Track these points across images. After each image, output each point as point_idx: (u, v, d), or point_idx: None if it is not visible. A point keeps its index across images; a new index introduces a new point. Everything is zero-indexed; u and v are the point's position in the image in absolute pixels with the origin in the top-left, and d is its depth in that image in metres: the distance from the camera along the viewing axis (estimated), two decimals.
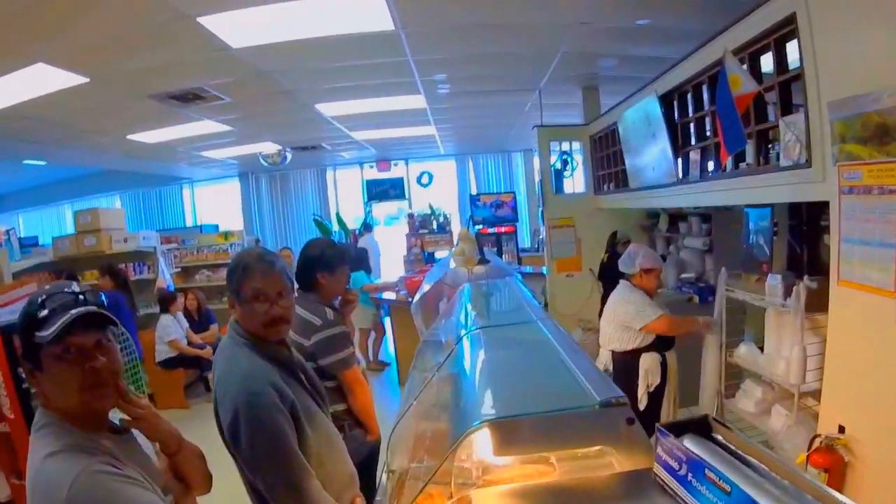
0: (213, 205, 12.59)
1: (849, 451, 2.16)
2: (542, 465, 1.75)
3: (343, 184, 12.28)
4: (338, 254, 2.69)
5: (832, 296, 2.25)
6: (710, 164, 3.47)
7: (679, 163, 3.81)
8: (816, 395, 2.50)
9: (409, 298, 5.54)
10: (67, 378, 1.20)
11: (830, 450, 2.18)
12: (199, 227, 10.35)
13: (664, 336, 3.40)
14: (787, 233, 3.50)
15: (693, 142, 3.67)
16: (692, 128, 3.68)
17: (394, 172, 11.83)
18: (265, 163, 9.20)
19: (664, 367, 3.40)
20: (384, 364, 7.04)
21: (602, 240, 5.61)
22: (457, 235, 6.65)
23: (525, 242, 11.23)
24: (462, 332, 2.40)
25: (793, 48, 2.40)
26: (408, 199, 11.87)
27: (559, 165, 6.04)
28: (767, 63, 2.66)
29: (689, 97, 3.61)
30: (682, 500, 1.17)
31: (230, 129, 7.07)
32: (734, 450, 1.18)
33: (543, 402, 1.55)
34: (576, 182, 6.21)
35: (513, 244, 10.21)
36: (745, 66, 2.66)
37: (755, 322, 3.33)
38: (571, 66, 5.41)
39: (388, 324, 6.87)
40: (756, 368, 3.04)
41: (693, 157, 3.62)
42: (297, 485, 1.61)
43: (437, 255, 9.70)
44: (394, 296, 6.52)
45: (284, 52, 4.36)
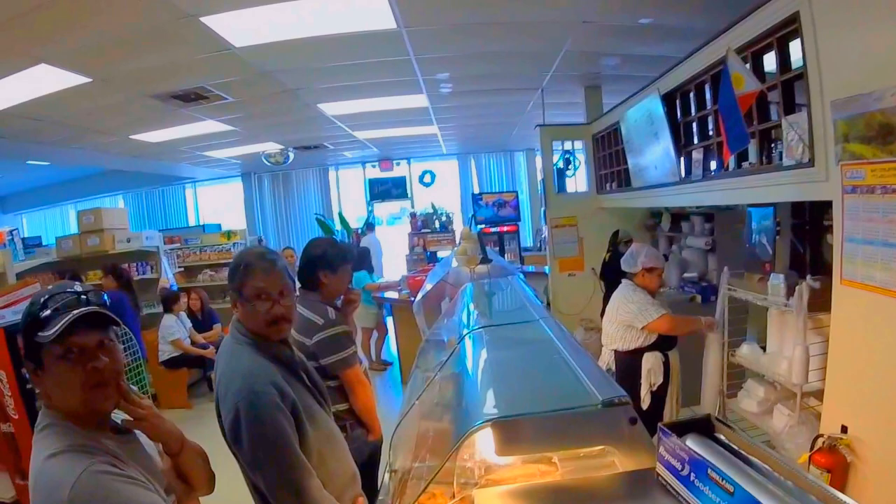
0: (216, 204, 12.62)
1: (851, 452, 2.16)
2: (545, 465, 1.76)
3: (346, 183, 12.30)
4: (340, 253, 2.69)
5: (835, 295, 2.24)
6: (713, 164, 3.47)
7: (681, 162, 3.81)
8: (819, 395, 2.49)
9: (412, 298, 5.53)
10: (69, 378, 1.20)
11: (833, 450, 2.18)
12: (202, 227, 10.35)
13: (667, 335, 3.39)
14: (790, 232, 3.50)
15: (696, 141, 3.65)
16: (695, 127, 3.67)
17: (396, 172, 11.85)
18: (268, 162, 9.22)
19: (667, 367, 3.39)
20: (386, 363, 7.04)
21: (604, 239, 5.59)
22: (459, 235, 6.64)
23: (527, 242, 11.24)
24: (464, 332, 2.40)
25: (796, 47, 2.40)
26: (410, 199, 11.88)
27: (562, 165, 6.03)
28: (770, 62, 2.65)
29: (692, 96, 3.61)
30: (685, 501, 1.17)
31: (233, 129, 7.08)
32: (737, 450, 1.18)
33: (546, 402, 1.55)
34: (578, 181, 6.20)
35: (515, 243, 10.21)
36: (748, 65, 2.65)
37: (757, 322, 3.33)
38: (574, 65, 5.41)
39: (391, 323, 6.86)
40: (758, 368, 3.04)
41: (696, 157, 3.61)
42: (298, 484, 1.61)
43: (440, 255, 9.71)
44: (396, 295, 6.51)
45: (287, 52, 4.37)
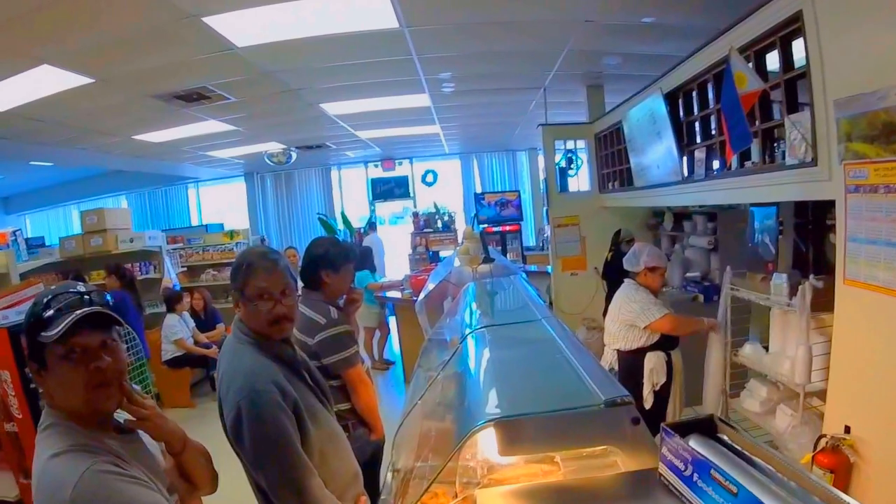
0: (219, 204, 12.63)
1: (854, 452, 2.16)
2: (547, 465, 1.76)
3: (348, 183, 12.30)
4: (342, 252, 2.69)
5: (838, 295, 2.24)
6: (716, 163, 3.46)
7: (684, 161, 3.80)
8: (822, 395, 2.49)
9: (414, 297, 5.53)
10: (72, 378, 1.20)
11: (836, 450, 2.18)
12: (205, 227, 10.36)
13: (669, 335, 3.39)
14: (793, 232, 3.48)
15: (698, 140, 3.65)
16: (697, 126, 3.66)
17: (398, 171, 11.85)
18: (270, 162, 9.22)
19: (669, 366, 3.39)
20: (389, 363, 7.04)
21: (607, 238, 5.59)
22: (461, 234, 6.64)
23: (530, 241, 11.24)
24: (467, 331, 2.40)
25: (799, 46, 2.40)
26: (412, 198, 11.88)
27: (564, 164, 6.02)
28: (773, 61, 2.65)
29: (695, 95, 3.60)
30: (688, 501, 1.17)
31: (235, 129, 7.09)
32: (740, 450, 1.17)
33: (548, 402, 1.55)
34: (580, 181, 6.20)
35: (517, 243, 10.20)
36: (751, 64, 2.65)
37: (760, 321, 3.32)
38: (576, 64, 5.40)
39: (393, 322, 6.87)
40: (761, 368, 3.03)
41: (698, 156, 3.61)
42: (299, 483, 1.62)
43: (442, 254, 9.69)
44: (398, 294, 6.51)
45: (289, 52, 4.37)
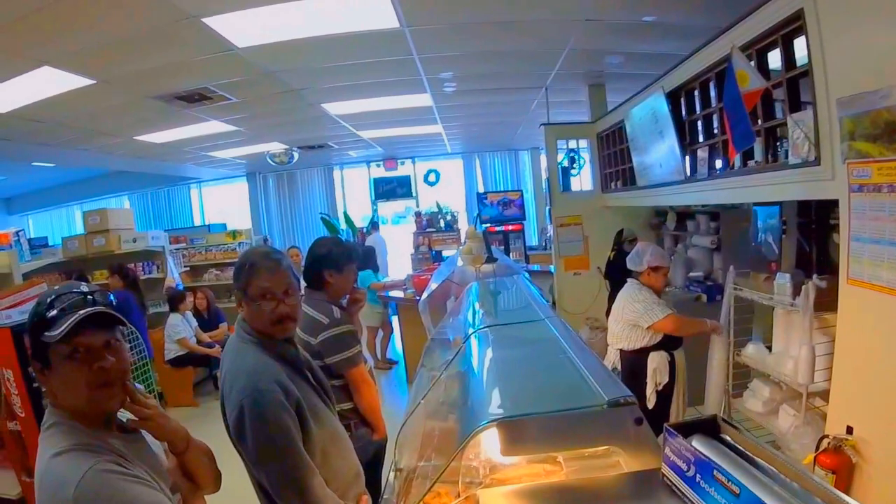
0: (221, 204, 12.63)
1: (856, 453, 2.15)
2: (550, 465, 1.75)
3: (350, 182, 12.30)
4: (345, 252, 2.69)
5: (841, 295, 2.23)
6: (718, 162, 3.45)
7: (687, 160, 3.80)
8: (825, 396, 2.48)
9: (417, 297, 5.53)
10: (76, 377, 1.21)
11: (838, 451, 2.17)
12: (208, 227, 10.38)
13: (672, 335, 3.39)
14: (796, 231, 3.48)
15: (701, 139, 3.64)
16: (700, 125, 3.66)
17: (401, 171, 11.84)
18: (272, 162, 9.23)
19: (672, 366, 3.38)
20: (392, 362, 7.05)
21: (609, 238, 5.59)
22: (464, 234, 6.64)
23: (532, 240, 11.23)
24: (470, 331, 2.40)
25: (801, 44, 2.39)
26: (415, 198, 11.88)
27: (566, 163, 6.02)
28: (775, 59, 2.64)
29: (697, 94, 3.59)
30: (690, 502, 1.17)
31: (237, 129, 7.09)
32: (742, 451, 1.17)
33: (551, 402, 1.55)
34: (583, 180, 6.19)
35: (520, 242, 10.20)
36: (753, 63, 2.64)
37: (763, 321, 3.32)
38: (578, 63, 5.39)
39: (396, 322, 6.87)
40: (764, 368, 3.02)
41: (701, 155, 3.60)
42: (301, 482, 1.62)
43: (445, 254, 9.70)
44: (401, 294, 6.52)
45: (290, 52, 4.37)
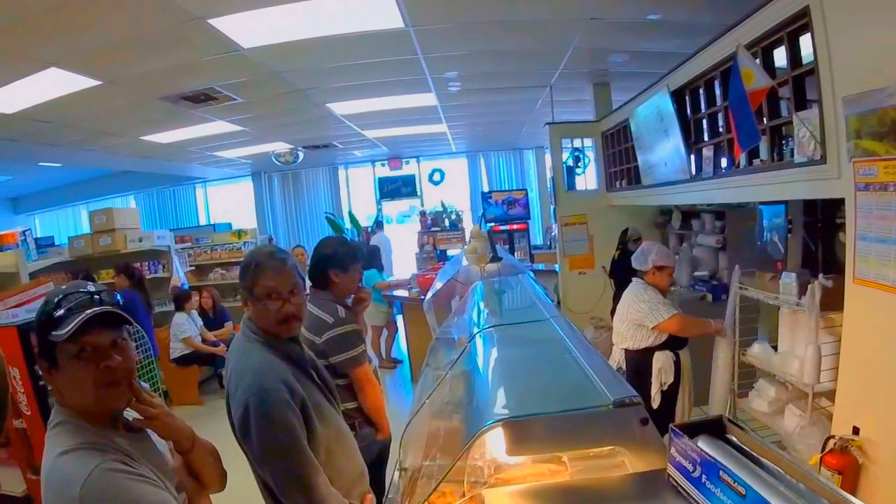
0: (227, 204, 12.69)
1: (863, 454, 2.14)
2: (555, 465, 1.75)
3: (355, 182, 12.33)
4: (351, 252, 2.70)
5: (847, 294, 2.22)
6: (724, 161, 3.44)
7: (692, 159, 3.78)
8: (830, 396, 2.47)
9: (422, 296, 5.53)
10: (82, 376, 1.22)
11: (844, 451, 2.15)
12: (213, 226, 10.42)
13: (677, 335, 3.38)
14: (802, 230, 3.46)
15: (706, 138, 3.63)
16: (705, 124, 3.64)
17: (405, 170, 11.86)
18: (278, 162, 9.25)
19: (677, 366, 3.37)
20: (397, 361, 7.06)
21: (614, 237, 5.57)
22: (469, 233, 6.64)
23: (537, 240, 11.22)
24: (475, 330, 2.40)
25: (806, 42, 2.37)
26: (420, 197, 11.89)
27: (571, 162, 6.01)
28: (781, 57, 2.62)
29: (702, 92, 3.58)
30: (696, 502, 1.16)
31: (243, 129, 7.11)
32: (748, 451, 1.17)
33: (556, 402, 1.55)
34: (588, 179, 6.18)
35: (525, 241, 10.20)
36: (758, 61, 2.63)
37: (769, 321, 3.30)
38: (582, 62, 5.38)
39: (401, 321, 6.88)
40: (770, 368, 3.01)
41: (706, 154, 3.59)
42: (305, 480, 1.63)
43: (450, 253, 9.72)
44: (406, 293, 6.52)
45: (295, 52, 4.38)
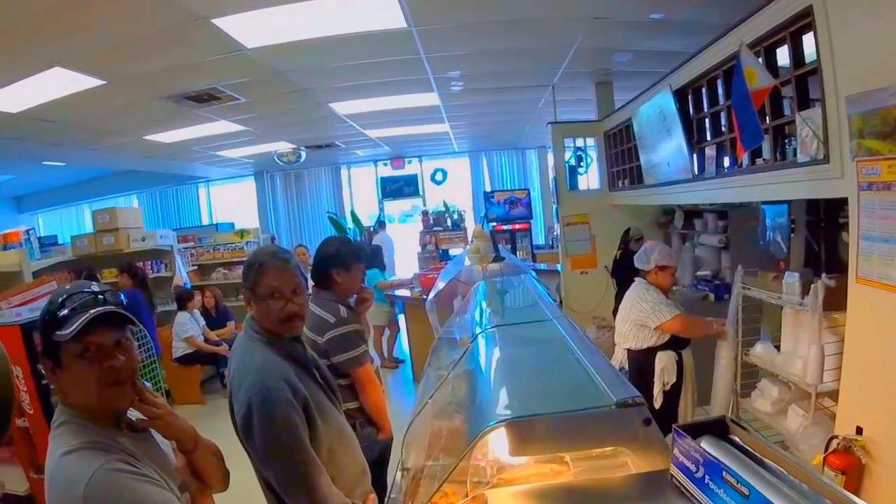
0: (229, 203, 12.72)
1: (866, 454, 2.13)
2: (557, 465, 1.75)
3: (357, 181, 12.35)
4: (353, 252, 2.70)
5: (850, 294, 2.21)
6: (726, 160, 3.43)
7: (694, 159, 3.77)
8: (834, 396, 2.46)
9: (424, 296, 5.53)
10: (86, 376, 1.22)
11: (847, 451, 2.15)
12: (215, 226, 10.41)
13: (679, 335, 3.37)
14: (805, 230, 3.45)
15: (708, 137, 3.62)
16: (707, 123, 3.64)
17: (408, 170, 11.87)
18: (280, 161, 9.27)
19: (680, 366, 3.37)
20: (399, 361, 7.06)
21: (617, 237, 5.57)
22: (471, 232, 6.64)
23: (539, 239, 11.22)
24: (477, 331, 2.40)
25: (809, 41, 2.37)
26: (422, 197, 11.89)
27: (573, 162, 6.00)
28: (783, 57, 2.62)
29: (704, 92, 3.57)
30: (699, 503, 1.16)
31: (245, 129, 7.13)
32: (751, 451, 1.17)
33: (559, 402, 1.55)
34: (590, 179, 6.18)
35: (527, 241, 10.20)
36: (761, 60, 2.62)
37: (772, 321, 3.29)
38: (585, 62, 5.39)
39: (403, 321, 6.88)
40: (772, 368, 3.00)
41: (709, 153, 3.58)
42: (307, 479, 1.63)
43: (452, 253, 9.71)
44: (408, 293, 6.51)
45: (298, 52, 4.39)
